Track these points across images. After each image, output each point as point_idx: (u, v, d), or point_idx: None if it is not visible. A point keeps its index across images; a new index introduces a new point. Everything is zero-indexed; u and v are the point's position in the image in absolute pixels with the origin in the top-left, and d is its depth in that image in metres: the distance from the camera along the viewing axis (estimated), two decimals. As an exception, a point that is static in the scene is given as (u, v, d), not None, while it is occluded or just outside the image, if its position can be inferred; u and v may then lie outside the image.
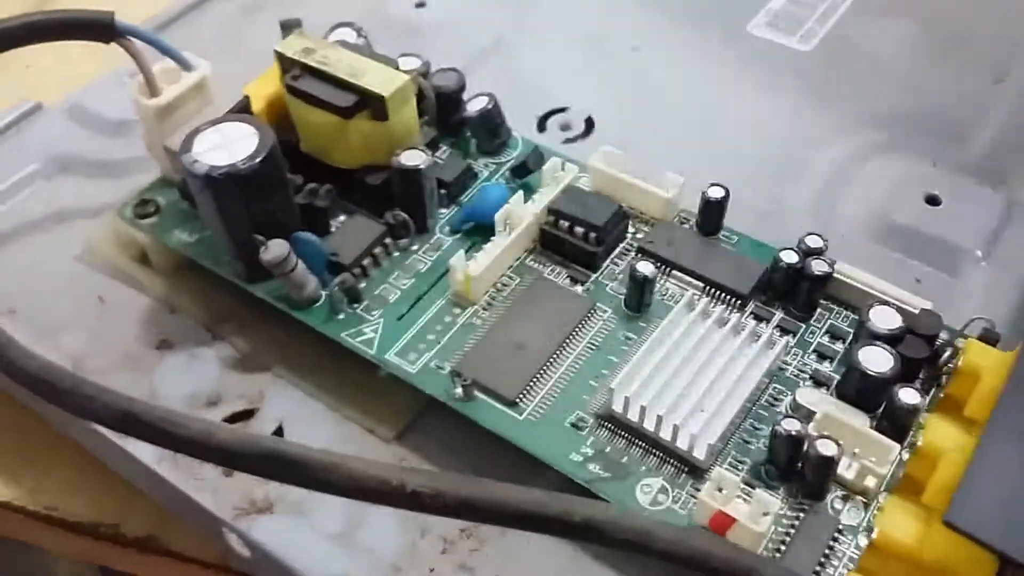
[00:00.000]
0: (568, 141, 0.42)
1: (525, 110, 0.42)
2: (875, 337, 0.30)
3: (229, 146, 0.32)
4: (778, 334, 0.31)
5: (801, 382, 0.31)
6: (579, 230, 0.34)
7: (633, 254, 0.34)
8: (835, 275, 0.32)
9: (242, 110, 0.35)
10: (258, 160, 0.31)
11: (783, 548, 0.27)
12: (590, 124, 0.43)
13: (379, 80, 0.33)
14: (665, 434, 0.29)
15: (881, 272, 0.33)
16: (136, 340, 0.36)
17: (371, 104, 0.34)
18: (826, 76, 0.45)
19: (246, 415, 0.33)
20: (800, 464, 0.28)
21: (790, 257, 0.32)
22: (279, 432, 0.33)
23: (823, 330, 0.32)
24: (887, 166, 0.40)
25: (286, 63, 0.35)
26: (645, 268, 0.32)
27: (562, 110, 0.43)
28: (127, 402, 0.25)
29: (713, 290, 0.33)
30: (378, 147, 0.35)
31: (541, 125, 0.43)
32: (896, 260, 0.37)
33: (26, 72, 0.45)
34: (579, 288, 0.34)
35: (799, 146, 0.42)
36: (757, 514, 0.27)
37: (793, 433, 0.27)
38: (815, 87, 0.44)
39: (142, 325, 0.36)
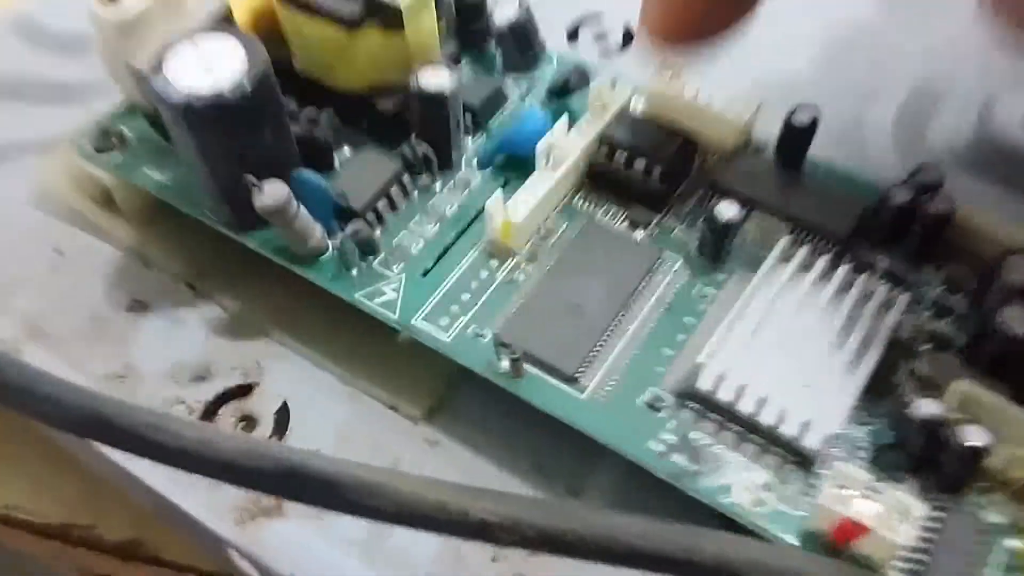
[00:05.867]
0: (605, 55, 0.36)
1: (551, 17, 0.36)
2: (1012, 293, 0.24)
3: (211, 66, 0.25)
4: (891, 288, 0.26)
5: (918, 345, 0.25)
6: (640, 164, 0.28)
7: (703, 191, 0.28)
8: (958, 217, 0.26)
9: (221, 23, 0.29)
10: (249, 83, 0.25)
11: (920, 559, 0.22)
12: (628, 35, 0.36)
13: (393, -21, 0.27)
14: (768, 419, 0.23)
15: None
16: (104, 301, 0.30)
17: (383, 11, 0.27)
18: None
19: (242, 391, 0.28)
20: (937, 453, 0.23)
21: (903, 194, 0.26)
22: (283, 412, 0.27)
23: (939, 280, 0.27)
24: (990, 73, 0.34)
25: (275, -40, 0.28)
26: (728, 210, 0.26)
27: (595, 16, 0.37)
28: (100, 404, 0.19)
29: (803, 233, 0.27)
30: (391, 64, 0.28)
31: (572, 34, 0.37)
32: (1002, 191, 0.31)
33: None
34: (640, 233, 0.28)
35: (882, 52, 0.35)
36: (893, 519, 0.21)
37: (931, 418, 0.22)
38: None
39: (110, 282, 0.30)
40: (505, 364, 0.25)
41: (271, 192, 0.26)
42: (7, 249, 0.31)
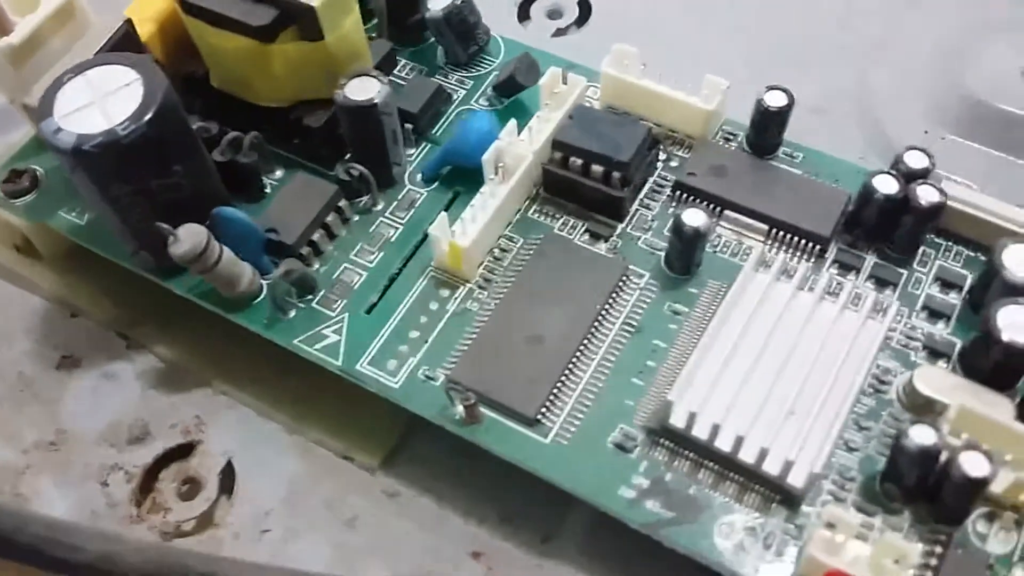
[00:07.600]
0: (559, 33, 0.33)
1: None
2: (1013, 291, 0.22)
3: (103, 102, 0.23)
4: (879, 292, 0.24)
5: (912, 352, 0.23)
6: (598, 168, 0.25)
7: (669, 191, 0.26)
8: (950, 205, 0.24)
9: (123, 41, 0.26)
10: (145, 120, 0.22)
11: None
12: (586, 9, 0.34)
13: (305, -16, 0.24)
14: (748, 456, 0.21)
15: (983, 178, 0.25)
16: (31, 358, 0.27)
17: (298, 18, 0.25)
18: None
19: (183, 451, 0.26)
20: (934, 482, 0.20)
21: (887, 185, 0.24)
22: (228, 471, 0.25)
23: (931, 276, 0.24)
24: (983, 39, 0.31)
25: (175, -29, 0.25)
26: (695, 219, 0.23)
27: (549, -10, 0.34)
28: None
29: (780, 232, 0.25)
30: (313, 75, 0.26)
31: (523, 13, 0.34)
32: (1002, 160, 0.29)
33: None
34: (602, 246, 0.25)
35: (867, 23, 0.33)
36: (889, 565, 0.19)
37: (927, 448, 0.20)
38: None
39: (36, 337, 0.28)
40: (459, 410, 0.23)
41: (186, 239, 0.23)
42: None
